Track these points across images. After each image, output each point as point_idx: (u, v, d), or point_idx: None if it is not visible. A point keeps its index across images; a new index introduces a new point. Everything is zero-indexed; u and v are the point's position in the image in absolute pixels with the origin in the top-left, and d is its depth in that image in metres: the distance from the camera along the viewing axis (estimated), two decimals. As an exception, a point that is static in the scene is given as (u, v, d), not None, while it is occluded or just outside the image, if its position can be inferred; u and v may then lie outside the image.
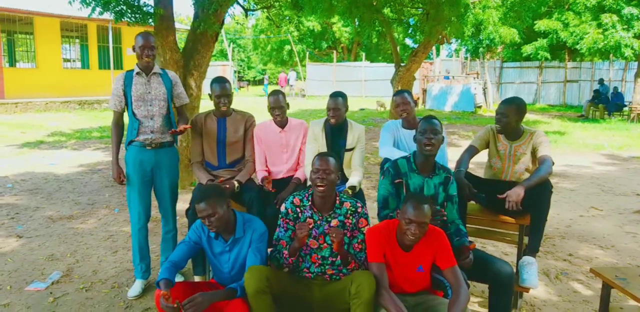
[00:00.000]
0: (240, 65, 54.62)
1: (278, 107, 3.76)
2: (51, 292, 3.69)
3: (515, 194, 3.02)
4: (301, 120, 3.97)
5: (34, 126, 13.08)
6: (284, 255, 2.70)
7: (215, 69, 25.74)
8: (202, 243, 2.80)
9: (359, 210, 2.79)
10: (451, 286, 2.44)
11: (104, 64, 19.64)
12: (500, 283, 2.71)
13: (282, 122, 3.86)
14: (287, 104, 3.84)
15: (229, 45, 31.33)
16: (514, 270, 2.82)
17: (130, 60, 20.24)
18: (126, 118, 3.75)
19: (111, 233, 5.06)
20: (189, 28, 7.53)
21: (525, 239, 3.31)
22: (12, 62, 18.73)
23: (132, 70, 3.63)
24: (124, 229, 5.17)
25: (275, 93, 3.82)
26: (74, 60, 21.64)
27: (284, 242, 2.77)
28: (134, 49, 3.57)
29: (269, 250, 2.89)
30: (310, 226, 2.69)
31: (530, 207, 3.14)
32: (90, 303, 3.54)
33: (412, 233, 2.41)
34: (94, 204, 6.10)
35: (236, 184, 3.55)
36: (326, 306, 2.65)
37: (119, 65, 19.97)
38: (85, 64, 19.71)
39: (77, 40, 20.43)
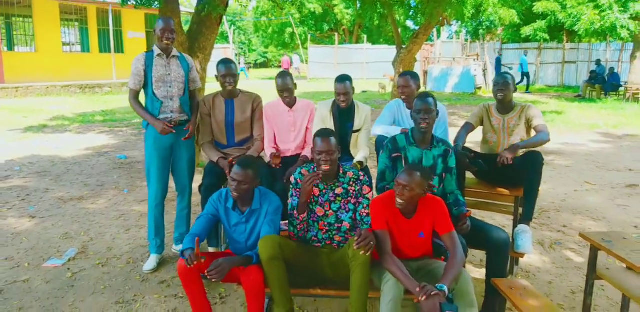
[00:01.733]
0: (241, 48, 54.31)
1: (286, 89, 3.89)
2: (69, 268, 3.86)
3: (510, 151, 3.30)
4: (309, 101, 4.10)
5: (35, 111, 13.15)
6: (294, 215, 2.87)
7: (217, 51, 25.59)
8: (219, 215, 2.97)
9: (362, 178, 2.96)
10: (448, 249, 2.63)
11: (104, 48, 19.55)
12: (497, 248, 2.90)
13: (290, 102, 3.99)
14: (295, 85, 3.96)
15: (230, 28, 31.20)
16: (510, 237, 3.01)
17: (131, 43, 20.16)
18: (141, 98, 3.88)
19: (122, 212, 5.23)
20: (192, 11, 7.59)
21: (520, 210, 3.50)
22: (11, 46, 18.66)
23: (152, 51, 3.77)
24: (135, 209, 5.35)
25: (283, 75, 3.92)
26: (73, 44, 21.57)
27: None
28: (154, 32, 3.73)
29: (285, 222, 3.07)
30: (318, 178, 2.80)
31: (523, 179, 3.34)
32: (107, 277, 3.73)
33: (398, 194, 2.60)
34: (103, 185, 6.27)
35: None
36: (334, 271, 2.84)
37: (119, 48, 19.90)
38: (85, 48, 19.62)
39: (77, 24, 20.32)
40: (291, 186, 3.01)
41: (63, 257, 4.08)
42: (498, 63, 21.05)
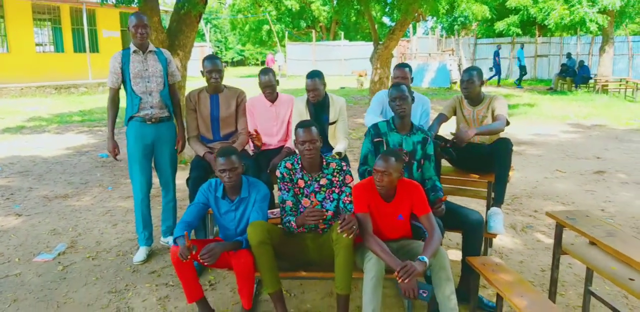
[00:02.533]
0: (218, 46, 54.05)
1: (269, 85, 4.03)
2: (59, 262, 3.96)
3: (464, 132, 3.46)
4: (290, 96, 4.25)
5: (11, 112, 13.02)
6: (293, 226, 3.00)
7: (194, 50, 25.55)
8: (209, 203, 3.11)
9: (344, 168, 3.12)
10: (426, 229, 2.83)
11: (79, 47, 19.34)
12: (472, 228, 3.11)
13: (272, 98, 4.13)
14: (277, 81, 4.11)
15: (206, 26, 31.09)
16: (483, 219, 3.22)
17: (106, 42, 19.96)
18: (122, 95, 3.98)
19: (108, 208, 5.32)
20: (171, 9, 7.66)
21: (493, 195, 3.71)
22: (-17, 47, 18.37)
23: (128, 49, 3.87)
24: (121, 205, 5.44)
25: (265, 72, 4.06)
26: (45, 44, 21.27)
27: (289, 201, 3.09)
28: (128, 29, 3.82)
29: (277, 210, 3.22)
30: (324, 216, 2.87)
31: (494, 165, 3.56)
32: (98, 269, 3.84)
33: (378, 181, 2.78)
34: (86, 183, 6.33)
35: None
36: (319, 254, 3.00)
37: (94, 48, 19.70)
38: (59, 48, 19.38)
39: (49, 23, 20.00)
40: (278, 180, 3.14)
41: (53, 251, 4.16)
42: (496, 56, 21.28)
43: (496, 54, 21.50)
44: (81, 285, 3.58)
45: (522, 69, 21.28)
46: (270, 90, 4.04)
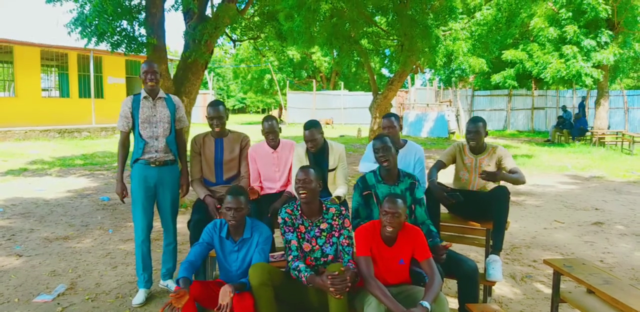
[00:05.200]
0: (220, 94, 55.11)
1: (272, 132, 4.16)
2: (58, 303, 3.94)
3: (492, 172, 3.61)
4: (292, 141, 4.37)
5: (14, 154, 13.12)
6: (302, 280, 2.95)
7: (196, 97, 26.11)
8: (214, 243, 3.16)
9: (343, 212, 3.21)
10: (427, 274, 2.86)
11: (84, 93, 19.68)
12: (466, 276, 3.15)
13: (274, 144, 4.25)
14: (280, 129, 4.25)
15: (209, 74, 31.88)
16: (478, 267, 3.26)
17: (110, 88, 20.40)
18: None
19: (108, 251, 5.32)
20: (177, 58, 7.98)
21: (491, 243, 3.76)
22: (-10, 91, 18.71)
23: (139, 94, 4.03)
24: (121, 247, 5.44)
25: (269, 119, 4.20)
26: (51, 89, 21.65)
27: (294, 241, 3.13)
28: (140, 76, 4.00)
29: (279, 254, 3.29)
30: (348, 284, 2.77)
31: (492, 213, 3.63)
32: (97, 311, 3.81)
33: (389, 223, 2.85)
34: (87, 226, 6.35)
35: None
36: (319, 299, 3.00)
37: (99, 93, 20.05)
38: (65, 93, 19.73)
39: (56, 69, 20.44)
40: (280, 225, 3.20)
41: (52, 292, 4.14)
42: (581, 108, 19.52)
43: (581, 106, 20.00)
44: (79, 327, 3.55)
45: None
46: (273, 136, 4.17)
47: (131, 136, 4.12)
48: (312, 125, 4.03)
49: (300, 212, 3.18)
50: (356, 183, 3.48)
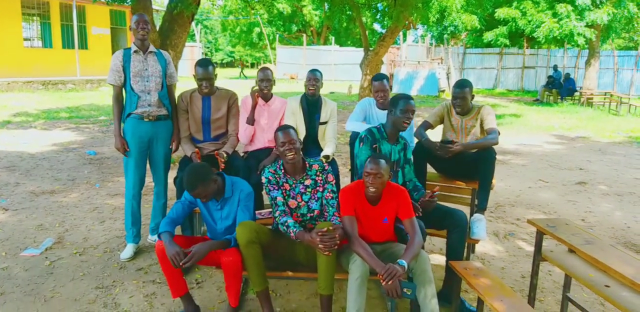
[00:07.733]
0: (208, 47, 54.00)
1: (267, 79, 4.18)
2: (46, 257, 3.97)
3: (462, 146, 3.67)
4: (284, 99, 4.35)
5: (-3, 106, 12.95)
6: (291, 235, 2.95)
7: (184, 50, 25.58)
8: (196, 203, 3.16)
9: (326, 168, 3.23)
10: (408, 233, 2.91)
11: (67, 43, 19.13)
12: (456, 224, 3.20)
13: (266, 97, 4.23)
14: (274, 80, 4.24)
15: (197, 26, 31.07)
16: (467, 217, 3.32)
17: (95, 39, 19.83)
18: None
19: (96, 205, 5.33)
20: (163, 9, 7.71)
21: (476, 202, 3.81)
22: (-31, 41, 18.09)
23: (129, 48, 3.92)
24: (108, 202, 5.45)
25: (264, 68, 4.23)
26: (33, 39, 21.03)
27: (280, 198, 3.13)
28: (131, 28, 3.88)
29: (266, 211, 3.33)
30: (337, 241, 2.79)
31: (478, 173, 3.67)
32: (85, 265, 3.86)
33: (371, 183, 2.86)
34: (74, 180, 6.32)
35: (224, 154, 3.84)
36: (307, 256, 3.06)
37: (83, 44, 19.52)
38: (47, 43, 19.14)
39: (37, 18, 19.77)
40: (264, 184, 3.19)
41: (40, 246, 4.17)
42: (569, 82, 18.98)
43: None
44: (68, 280, 3.60)
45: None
46: (266, 84, 4.18)
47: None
48: (318, 71, 4.30)
49: (283, 171, 3.17)
50: (365, 136, 3.42)
